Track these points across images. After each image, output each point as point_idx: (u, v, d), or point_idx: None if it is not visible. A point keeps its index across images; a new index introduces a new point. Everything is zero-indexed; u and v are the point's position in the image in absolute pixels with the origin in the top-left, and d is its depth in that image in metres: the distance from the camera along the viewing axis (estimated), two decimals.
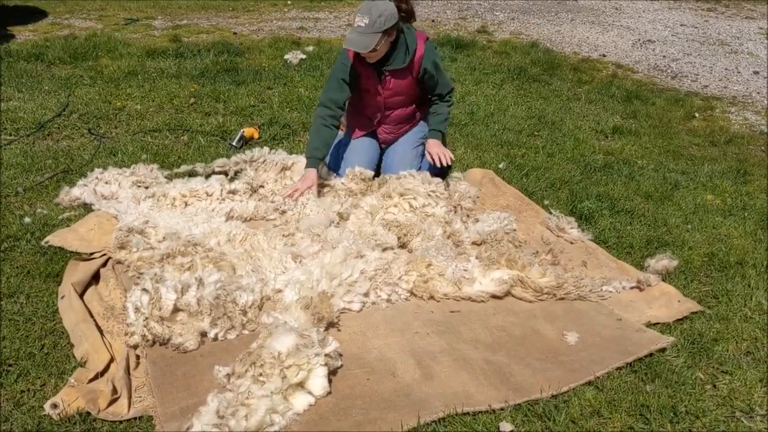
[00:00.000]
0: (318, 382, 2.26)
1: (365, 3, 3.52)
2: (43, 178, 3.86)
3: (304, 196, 3.56)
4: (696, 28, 9.48)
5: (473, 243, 3.32)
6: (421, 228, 3.30)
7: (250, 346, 2.39)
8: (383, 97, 3.81)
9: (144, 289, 2.53)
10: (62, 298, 2.74)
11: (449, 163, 3.81)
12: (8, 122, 4.58)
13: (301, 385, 2.25)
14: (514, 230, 3.46)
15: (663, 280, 3.19)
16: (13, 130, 4.50)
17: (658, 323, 2.89)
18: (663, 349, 2.70)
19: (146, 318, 2.46)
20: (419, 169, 3.94)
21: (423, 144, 4.04)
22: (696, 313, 2.97)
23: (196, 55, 6.44)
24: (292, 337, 2.34)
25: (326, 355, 2.34)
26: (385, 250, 3.14)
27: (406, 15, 3.70)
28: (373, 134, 4.00)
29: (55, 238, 3.16)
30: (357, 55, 3.63)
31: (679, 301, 3.03)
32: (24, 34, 7.06)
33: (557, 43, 8.20)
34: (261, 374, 2.25)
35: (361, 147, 3.96)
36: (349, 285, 2.82)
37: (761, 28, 9.58)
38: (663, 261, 3.29)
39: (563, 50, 7.83)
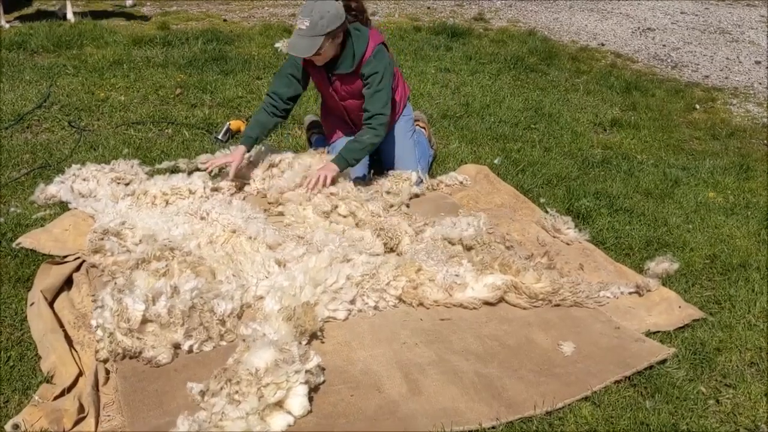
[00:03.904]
0: (298, 401, 2.12)
1: (307, 3, 3.32)
2: (19, 175, 3.71)
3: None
4: (696, 15, 9.32)
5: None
6: (406, 229, 3.16)
7: (226, 361, 2.25)
8: (338, 101, 3.66)
9: (102, 306, 2.39)
10: (32, 305, 2.60)
11: (318, 191, 3.42)
12: None
13: (279, 404, 2.11)
14: (497, 225, 3.31)
15: (663, 284, 3.05)
16: None
17: (658, 332, 2.76)
18: (663, 360, 2.57)
19: (111, 333, 2.31)
20: (419, 159, 3.90)
21: (415, 130, 3.96)
22: (698, 320, 2.83)
23: (184, 44, 6.27)
24: (271, 352, 2.20)
25: (307, 371, 2.20)
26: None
27: (356, 13, 3.46)
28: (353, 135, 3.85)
29: (27, 240, 3.01)
30: None
31: (680, 307, 2.89)
32: (10, 22, 6.88)
33: (555, 31, 8.03)
34: (237, 392, 2.11)
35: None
36: (334, 292, 2.68)
37: (762, 16, 9.41)
38: (663, 264, 3.16)
39: (561, 39, 7.67)
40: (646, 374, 2.49)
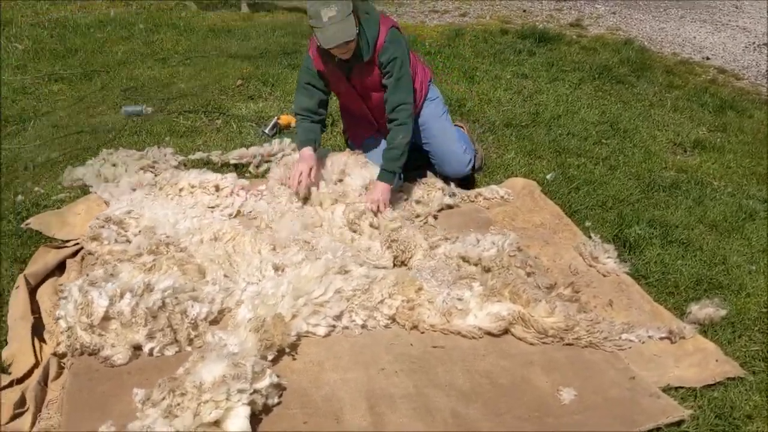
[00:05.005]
0: (237, 423, 1.95)
1: (312, 2, 3.05)
2: (58, 154, 3.74)
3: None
4: None
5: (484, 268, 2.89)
6: (420, 242, 2.93)
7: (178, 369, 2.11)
8: (359, 97, 3.44)
9: (66, 298, 2.30)
10: (17, 288, 2.57)
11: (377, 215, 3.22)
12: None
13: (217, 424, 1.95)
14: (523, 250, 2.99)
15: (704, 333, 2.67)
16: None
17: (682, 387, 2.40)
18: (680, 422, 2.22)
19: (70, 327, 2.22)
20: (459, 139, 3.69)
21: (447, 110, 3.75)
22: (733, 378, 2.45)
23: (261, 36, 6.25)
24: (223, 366, 2.04)
25: (255, 391, 2.03)
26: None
27: None
28: (379, 132, 3.63)
29: (36, 221, 3.01)
30: (321, 57, 3.25)
31: (717, 361, 2.52)
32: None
33: (657, 41, 7.47)
34: (179, 404, 1.97)
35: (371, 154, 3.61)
36: (317, 305, 2.49)
37: None
38: (707, 309, 2.77)
39: (661, 50, 7.12)
40: None
